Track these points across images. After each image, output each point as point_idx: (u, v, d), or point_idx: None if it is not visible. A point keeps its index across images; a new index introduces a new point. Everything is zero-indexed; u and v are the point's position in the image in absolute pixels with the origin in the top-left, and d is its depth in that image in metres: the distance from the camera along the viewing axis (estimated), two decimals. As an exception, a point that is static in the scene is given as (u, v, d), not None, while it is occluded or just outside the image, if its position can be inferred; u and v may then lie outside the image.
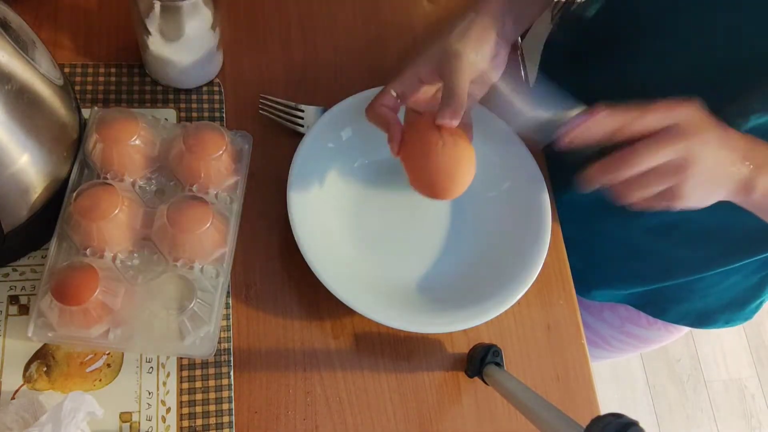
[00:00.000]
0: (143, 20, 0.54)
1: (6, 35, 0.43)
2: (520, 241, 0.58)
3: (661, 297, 0.73)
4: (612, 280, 0.72)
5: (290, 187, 0.54)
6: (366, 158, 0.62)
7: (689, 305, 0.72)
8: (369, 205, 0.61)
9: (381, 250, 0.60)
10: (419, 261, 0.60)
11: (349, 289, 0.53)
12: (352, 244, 0.59)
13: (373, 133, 0.61)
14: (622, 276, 0.73)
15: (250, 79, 0.64)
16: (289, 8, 0.69)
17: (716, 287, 0.69)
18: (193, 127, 0.54)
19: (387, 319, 0.53)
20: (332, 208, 0.59)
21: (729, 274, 0.67)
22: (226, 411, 0.52)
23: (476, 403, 0.57)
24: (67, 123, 0.50)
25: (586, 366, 0.60)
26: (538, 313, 0.61)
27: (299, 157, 0.56)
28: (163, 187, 0.54)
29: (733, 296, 0.70)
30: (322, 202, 0.58)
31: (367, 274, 0.57)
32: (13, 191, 0.47)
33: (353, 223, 0.60)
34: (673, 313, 0.74)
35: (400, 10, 0.72)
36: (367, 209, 0.61)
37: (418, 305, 0.57)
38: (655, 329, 0.78)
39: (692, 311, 0.73)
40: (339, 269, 0.54)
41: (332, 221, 0.59)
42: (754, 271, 0.67)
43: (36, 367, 0.50)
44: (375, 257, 0.59)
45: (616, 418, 0.36)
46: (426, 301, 0.57)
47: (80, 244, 0.50)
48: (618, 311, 0.79)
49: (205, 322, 0.49)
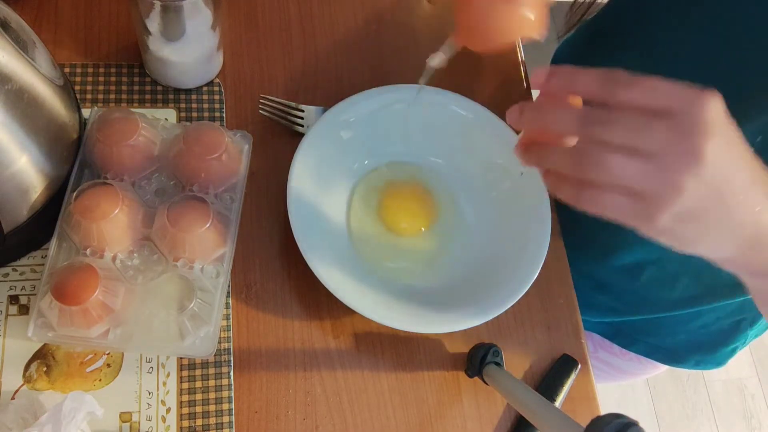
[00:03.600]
0: (143, 20, 0.54)
1: (6, 35, 0.43)
2: (520, 241, 0.58)
3: (630, 328, 0.71)
4: (580, 306, 0.63)
5: (290, 187, 0.54)
6: (366, 158, 0.62)
7: (658, 340, 0.70)
8: (369, 206, 0.61)
9: (381, 250, 0.60)
10: (419, 261, 0.60)
11: (348, 290, 0.53)
12: (351, 244, 0.59)
13: (372, 132, 0.61)
14: (590, 304, 0.67)
15: (250, 79, 0.64)
16: (289, 8, 0.69)
17: (686, 326, 0.66)
18: (193, 127, 0.54)
19: (387, 319, 0.53)
20: (332, 208, 0.59)
21: (701, 314, 0.64)
22: (226, 411, 0.52)
23: (476, 403, 0.57)
24: (67, 123, 0.50)
25: (586, 366, 0.60)
26: (538, 313, 0.61)
27: (299, 157, 0.56)
28: (163, 187, 0.54)
29: (704, 338, 0.67)
30: (322, 202, 0.58)
31: (366, 274, 0.57)
32: (13, 191, 0.47)
33: (353, 223, 0.60)
34: (643, 346, 0.71)
35: (400, 10, 0.72)
36: (367, 209, 0.61)
37: (418, 305, 0.56)
38: (627, 359, 0.75)
39: (662, 347, 0.70)
40: (339, 269, 0.54)
41: (332, 221, 0.59)
42: (728, 314, 0.63)
43: (36, 367, 0.50)
44: (375, 257, 0.59)
45: (616, 418, 0.36)
46: (426, 301, 0.57)
47: (80, 244, 0.50)
48: (592, 337, 0.77)
49: (205, 322, 0.49)
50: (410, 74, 0.68)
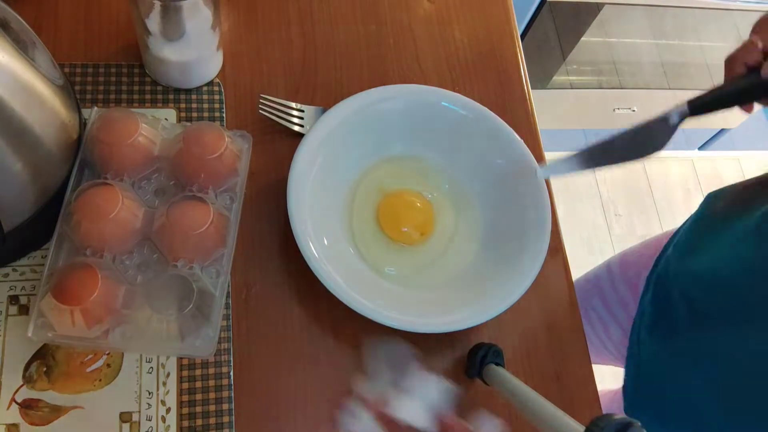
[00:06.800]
0: (143, 20, 0.54)
1: (6, 35, 0.43)
2: (519, 241, 0.58)
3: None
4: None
5: (290, 187, 0.54)
6: (366, 156, 0.62)
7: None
8: (368, 209, 0.61)
9: (381, 251, 0.60)
10: (420, 262, 0.60)
11: (348, 289, 0.53)
12: (352, 244, 0.59)
13: (372, 133, 0.61)
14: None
15: (250, 79, 0.64)
16: (289, 8, 0.69)
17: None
18: (193, 127, 0.54)
19: (387, 319, 0.53)
20: (332, 208, 0.59)
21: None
22: (226, 411, 0.52)
23: (476, 403, 0.57)
24: (67, 123, 0.50)
25: (587, 366, 0.60)
26: (538, 313, 0.61)
27: (299, 157, 0.56)
28: (163, 187, 0.54)
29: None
30: (322, 202, 0.58)
31: (367, 273, 0.57)
32: (13, 191, 0.47)
33: (354, 223, 0.60)
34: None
35: (400, 10, 0.72)
36: (366, 212, 0.61)
37: (418, 305, 0.57)
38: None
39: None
40: (339, 269, 0.54)
41: (332, 221, 0.59)
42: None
43: (36, 367, 0.50)
44: (375, 257, 0.59)
45: (616, 418, 0.36)
46: (426, 301, 0.57)
47: (80, 244, 0.50)
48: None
49: (205, 322, 0.49)
50: (410, 74, 0.68)
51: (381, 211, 0.61)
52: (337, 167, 0.60)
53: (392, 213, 0.61)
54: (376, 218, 0.60)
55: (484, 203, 0.62)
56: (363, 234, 0.60)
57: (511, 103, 0.69)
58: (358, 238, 0.59)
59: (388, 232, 0.60)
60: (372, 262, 0.59)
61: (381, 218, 0.60)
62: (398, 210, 0.61)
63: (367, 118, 0.60)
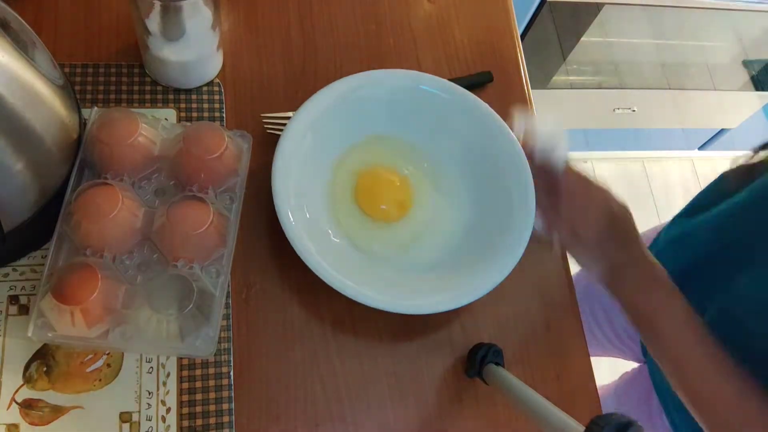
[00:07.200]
0: (143, 20, 0.54)
1: (6, 35, 0.43)
2: (505, 218, 0.59)
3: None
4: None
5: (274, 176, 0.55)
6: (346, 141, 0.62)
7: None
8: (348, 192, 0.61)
9: (364, 230, 0.60)
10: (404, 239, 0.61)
11: (334, 271, 0.53)
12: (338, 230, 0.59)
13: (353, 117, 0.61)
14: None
15: (250, 79, 0.64)
16: (289, 8, 0.69)
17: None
18: (193, 127, 0.54)
19: (383, 303, 0.53)
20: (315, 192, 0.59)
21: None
22: (226, 411, 0.52)
23: (476, 403, 0.57)
24: (67, 123, 0.50)
25: (587, 366, 0.60)
26: (538, 313, 0.61)
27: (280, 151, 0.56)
28: (163, 187, 0.54)
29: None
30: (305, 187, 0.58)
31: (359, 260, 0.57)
32: (13, 191, 0.47)
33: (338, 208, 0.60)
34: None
35: (400, 10, 0.72)
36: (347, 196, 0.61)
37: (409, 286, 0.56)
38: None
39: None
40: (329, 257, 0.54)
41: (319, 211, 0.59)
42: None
43: (36, 367, 0.50)
44: (358, 237, 0.59)
45: (615, 418, 0.36)
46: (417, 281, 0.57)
47: (80, 244, 0.50)
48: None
49: (205, 322, 0.49)
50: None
51: (358, 191, 0.61)
52: (318, 153, 0.60)
53: (369, 192, 0.61)
54: (355, 199, 0.61)
55: (467, 181, 0.63)
56: (347, 217, 0.60)
57: (511, 103, 0.69)
58: (343, 222, 0.60)
59: (367, 211, 0.60)
60: (358, 244, 0.59)
61: (359, 198, 0.61)
62: (374, 188, 0.62)
63: (343, 104, 0.60)
